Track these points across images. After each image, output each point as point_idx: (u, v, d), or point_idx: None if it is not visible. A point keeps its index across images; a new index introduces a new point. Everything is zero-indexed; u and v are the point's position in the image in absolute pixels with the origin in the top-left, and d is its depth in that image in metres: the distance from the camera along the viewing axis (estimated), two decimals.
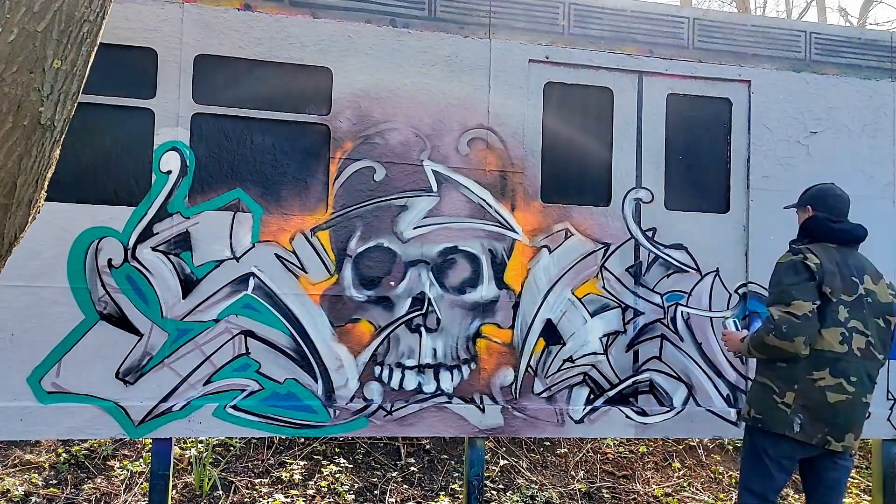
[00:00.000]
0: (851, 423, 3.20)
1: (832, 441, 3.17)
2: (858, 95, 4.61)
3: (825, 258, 3.23)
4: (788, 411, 3.18)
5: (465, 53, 4.10)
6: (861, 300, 3.23)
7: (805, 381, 3.17)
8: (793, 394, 3.18)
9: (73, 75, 2.42)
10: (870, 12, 16.67)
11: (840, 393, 3.15)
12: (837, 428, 3.17)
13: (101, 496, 4.93)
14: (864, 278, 3.28)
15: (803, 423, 3.15)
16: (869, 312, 3.25)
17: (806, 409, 3.16)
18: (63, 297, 3.62)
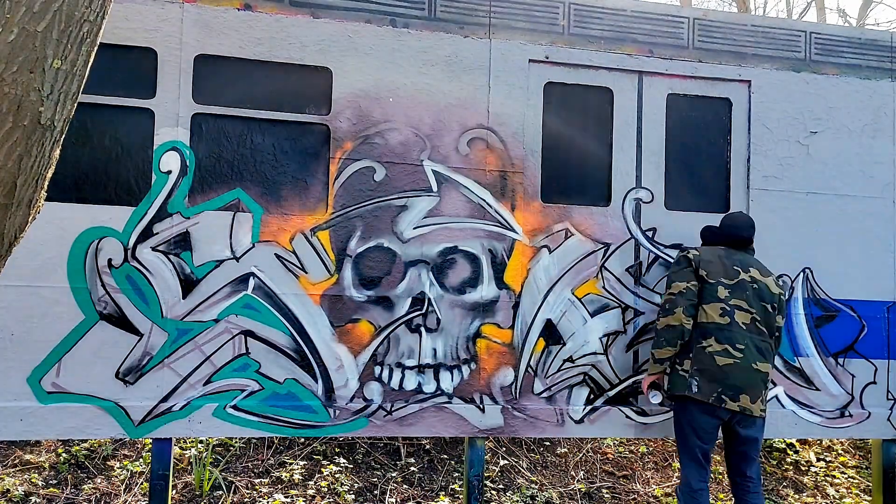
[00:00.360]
0: (744, 385, 3.72)
1: (727, 400, 3.71)
2: (858, 95, 4.61)
3: (706, 252, 3.91)
4: (687, 375, 3.79)
5: (465, 53, 4.10)
6: (743, 284, 3.83)
7: (696, 350, 3.79)
8: (689, 360, 3.80)
9: (73, 75, 2.42)
10: (869, 13, 16.67)
11: (727, 357, 3.73)
12: (729, 388, 3.72)
13: (101, 496, 4.93)
14: (750, 269, 3.89)
15: (700, 383, 3.74)
16: (754, 295, 3.83)
17: (700, 372, 3.76)
18: (63, 297, 3.62)
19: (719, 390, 3.71)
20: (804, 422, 4.46)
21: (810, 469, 6.32)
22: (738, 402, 3.71)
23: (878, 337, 4.59)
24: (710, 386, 3.72)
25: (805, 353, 4.49)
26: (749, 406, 3.73)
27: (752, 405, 3.73)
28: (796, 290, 4.48)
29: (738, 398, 3.71)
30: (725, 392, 3.71)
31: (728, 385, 3.72)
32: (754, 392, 3.74)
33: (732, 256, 3.92)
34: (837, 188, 4.55)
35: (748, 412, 3.73)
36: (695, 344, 3.80)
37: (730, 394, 3.71)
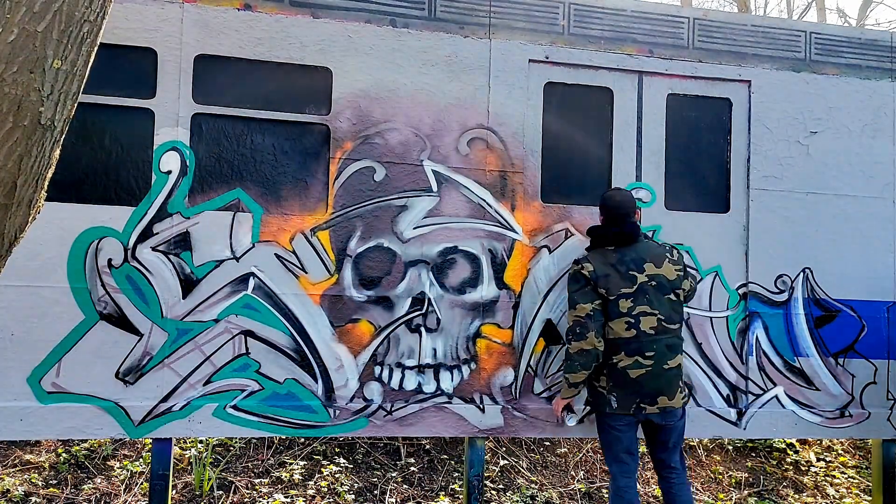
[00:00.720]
0: (660, 388, 3.76)
1: (646, 408, 3.76)
2: (858, 95, 4.61)
3: (599, 264, 3.82)
4: (605, 392, 3.82)
5: (465, 53, 4.10)
6: (643, 288, 3.79)
7: (609, 366, 3.79)
8: (605, 377, 3.82)
9: (73, 75, 2.42)
10: (869, 13, 16.67)
11: (638, 368, 3.74)
12: (646, 396, 3.76)
13: (101, 496, 4.94)
14: (645, 267, 3.81)
15: (617, 398, 3.78)
16: (654, 295, 3.80)
17: (616, 388, 3.79)
18: (63, 297, 3.62)
19: (637, 401, 3.75)
20: (804, 422, 4.47)
21: (810, 469, 6.32)
22: (656, 404, 3.76)
23: (878, 337, 4.59)
24: (628, 399, 3.76)
25: (805, 353, 4.49)
26: (668, 404, 3.77)
27: (671, 401, 3.77)
28: (796, 290, 4.48)
29: (656, 401, 3.76)
30: (643, 401, 3.75)
31: (644, 394, 3.75)
32: (671, 390, 3.78)
33: (624, 258, 3.82)
34: (837, 188, 4.55)
35: (669, 408, 3.78)
36: (606, 360, 3.79)
37: (647, 401, 3.75)
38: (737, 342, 4.41)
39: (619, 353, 3.75)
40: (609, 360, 3.78)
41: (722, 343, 4.39)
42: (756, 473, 6.16)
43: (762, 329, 4.42)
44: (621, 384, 3.76)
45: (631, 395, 3.76)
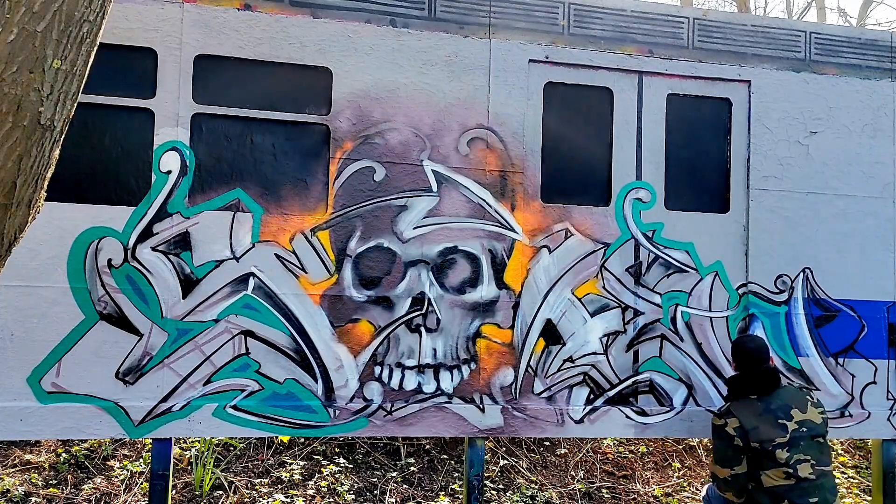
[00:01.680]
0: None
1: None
2: (858, 95, 4.61)
3: (746, 417, 3.77)
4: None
5: (465, 53, 4.10)
6: (795, 435, 3.73)
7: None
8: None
9: (73, 75, 2.42)
10: (869, 13, 16.68)
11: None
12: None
13: (101, 496, 4.94)
14: (791, 413, 3.77)
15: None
16: (806, 442, 3.74)
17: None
18: (63, 297, 3.62)
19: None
20: None
21: None
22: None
23: (878, 337, 4.59)
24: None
25: (805, 353, 4.49)
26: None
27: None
28: (796, 291, 4.48)
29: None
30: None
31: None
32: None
33: (770, 406, 3.79)
34: (837, 188, 4.55)
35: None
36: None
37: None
38: None
39: (781, 501, 3.69)
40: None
41: (722, 343, 4.38)
42: None
43: (762, 329, 4.41)
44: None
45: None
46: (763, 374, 3.86)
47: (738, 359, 3.97)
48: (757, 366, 3.88)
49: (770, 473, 3.70)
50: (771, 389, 3.85)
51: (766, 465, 3.70)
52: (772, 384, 3.85)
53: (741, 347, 3.98)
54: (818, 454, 3.76)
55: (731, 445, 3.76)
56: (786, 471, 3.68)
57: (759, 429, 3.73)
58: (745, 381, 3.88)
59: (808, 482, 3.69)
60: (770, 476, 3.70)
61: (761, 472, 3.71)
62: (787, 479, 3.68)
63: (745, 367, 3.92)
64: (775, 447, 3.70)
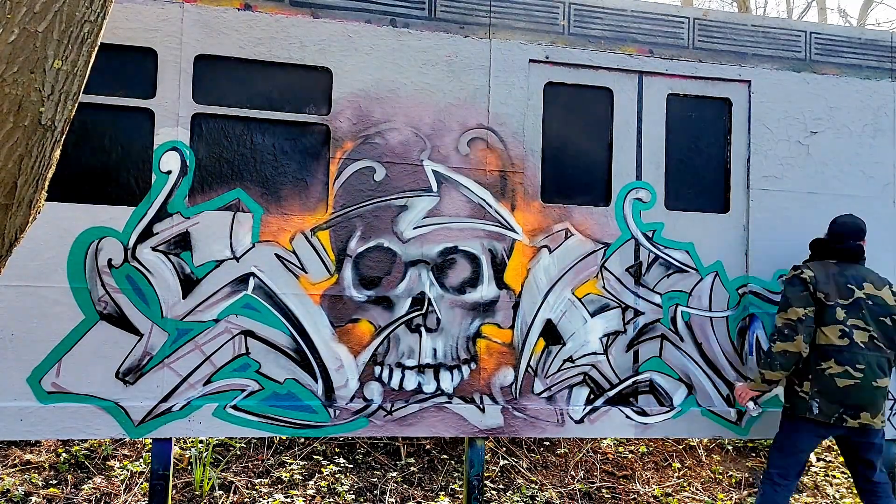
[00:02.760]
0: (864, 404, 3.77)
1: (848, 419, 3.77)
2: (858, 95, 4.61)
3: (820, 271, 3.90)
4: (807, 397, 3.84)
5: (465, 53, 4.10)
6: (859, 303, 3.85)
7: (816, 372, 3.82)
8: (808, 382, 3.84)
9: (73, 76, 2.42)
10: (869, 13, 16.68)
11: (847, 378, 3.76)
12: (850, 408, 3.76)
13: (101, 496, 4.94)
14: (864, 285, 3.89)
15: (820, 405, 3.79)
16: (870, 313, 3.85)
17: (820, 394, 3.80)
18: (63, 297, 3.62)
19: (840, 411, 3.77)
20: None
21: (810, 469, 6.33)
22: (858, 419, 3.77)
23: None
24: (831, 407, 3.78)
25: None
26: (871, 421, 3.79)
27: (873, 419, 3.80)
28: None
29: (858, 416, 3.77)
30: (847, 412, 3.77)
31: (849, 405, 3.77)
32: (875, 408, 3.80)
33: (845, 272, 3.91)
34: (837, 188, 4.55)
35: (870, 427, 3.81)
36: (814, 366, 3.83)
37: (851, 413, 3.77)
38: (737, 342, 4.41)
39: (829, 359, 3.79)
40: (817, 366, 3.82)
41: (722, 343, 4.39)
42: (756, 473, 6.16)
43: (762, 329, 4.42)
44: (827, 392, 3.78)
45: (835, 404, 3.78)
46: (849, 246, 3.96)
47: (832, 229, 4.07)
48: (847, 239, 3.99)
49: (826, 330, 3.80)
50: (850, 261, 3.95)
51: (825, 319, 3.81)
52: (854, 258, 3.95)
53: (838, 219, 4.09)
54: (879, 330, 3.83)
55: (806, 289, 3.85)
56: (842, 329, 3.78)
57: (828, 284, 3.85)
58: (829, 247, 3.99)
59: (860, 350, 3.78)
60: (825, 333, 3.80)
61: (819, 327, 3.82)
62: (840, 338, 3.78)
63: (834, 236, 4.03)
64: (836, 304, 3.82)
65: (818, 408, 3.79)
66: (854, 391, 3.76)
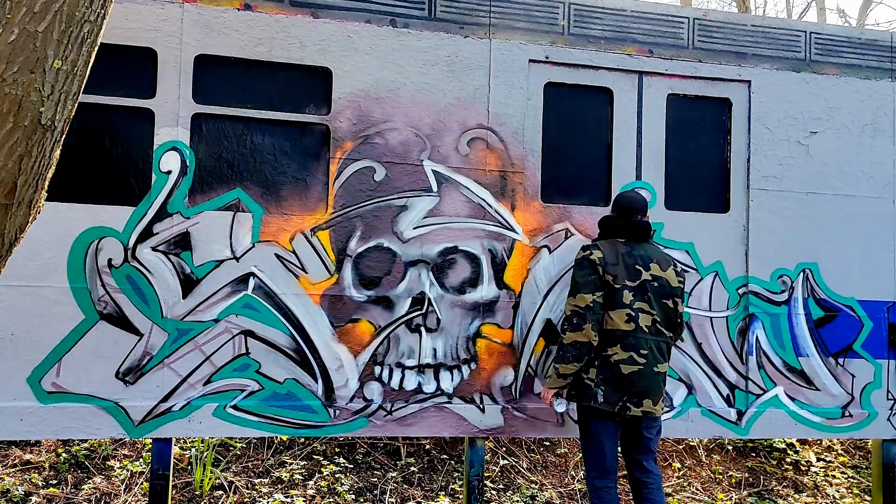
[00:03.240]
0: (647, 391, 3.69)
1: (631, 407, 3.67)
2: (858, 95, 4.61)
3: (609, 251, 3.77)
4: (592, 385, 3.71)
5: (465, 53, 4.10)
6: (645, 285, 3.75)
7: (602, 358, 3.71)
8: (594, 369, 3.72)
9: (73, 75, 2.42)
10: (869, 13, 16.68)
11: (632, 364, 3.67)
12: (634, 395, 3.67)
13: (101, 496, 4.94)
14: (650, 266, 3.79)
15: (605, 393, 3.68)
16: (654, 295, 3.76)
17: (605, 382, 3.69)
18: (63, 297, 3.62)
19: (624, 399, 3.66)
20: (804, 422, 4.47)
21: (810, 469, 6.33)
22: (641, 406, 3.68)
23: (878, 337, 4.59)
24: (616, 395, 3.67)
25: (805, 353, 4.49)
26: (651, 409, 3.71)
27: (654, 407, 3.72)
28: (796, 290, 4.48)
29: (641, 403, 3.68)
30: (630, 400, 3.67)
31: (632, 392, 3.67)
32: (656, 395, 3.72)
33: (633, 253, 3.78)
34: (837, 188, 4.56)
35: (650, 414, 3.72)
36: (600, 352, 3.71)
37: (634, 401, 3.67)
38: (737, 342, 4.41)
39: (614, 345, 3.68)
40: (603, 352, 3.70)
41: (722, 343, 4.39)
42: (756, 473, 6.16)
43: (762, 329, 4.42)
44: (612, 379, 3.67)
45: (619, 392, 3.67)
46: (635, 223, 3.84)
47: (616, 205, 3.93)
48: (632, 215, 3.86)
49: (613, 315, 3.69)
50: (639, 239, 3.84)
51: (613, 304, 3.70)
52: (641, 235, 3.84)
53: (621, 196, 3.95)
54: (662, 314, 3.76)
55: (594, 273, 3.71)
56: (628, 313, 3.68)
57: (616, 266, 3.72)
58: (617, 224, 3.85)
59: (644, 334, 3.69)
60: (612, 317, 3.69)
61: (608, 311, 3.70)
62: (627, 322, 3.68)
63: (620, 213, 3.89)
64: (623, 287, 3.70)
65: (602, 396, 3.67)
66: (637, 378, 3.65)
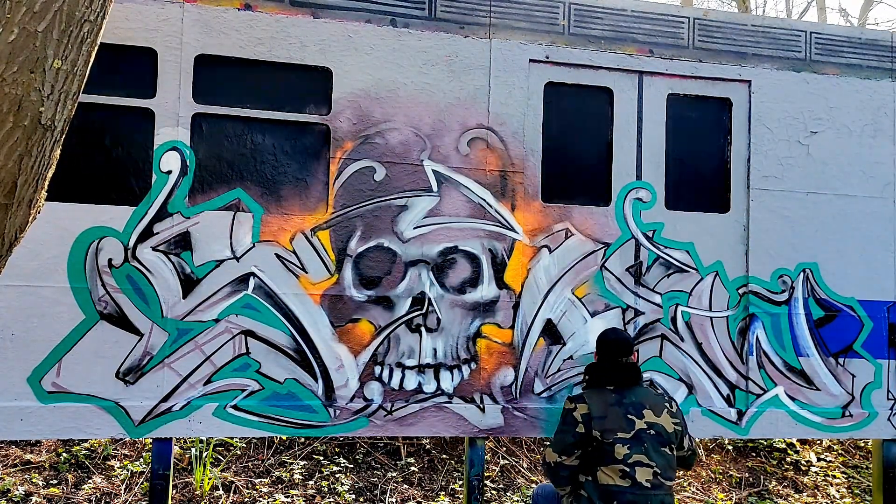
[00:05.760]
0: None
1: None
2: (858, 95, 4.61)
3: (596, 404, 3.54)
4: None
5: (465, 53, 4.10)
6: (641, 436, 3.48)
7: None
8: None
9: (73, 75, 2.42)
10: (870, 12, 16.68)
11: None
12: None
13: (101, 496, 4.94)
14: (644, 413, 3.53)
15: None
16: (651, 445, 3.48)
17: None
18: (63, 297, 3.62)
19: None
20: (804, 422, 4.46)
21: (810, 469, 6.33)
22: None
23: (879, 337, 4.59)
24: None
25: (805, 353, 4.49)
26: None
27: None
28: (796, 290, 4.48)
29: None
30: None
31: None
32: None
33: (624, 401, 3.55)
34: (837, 188, 4.55)
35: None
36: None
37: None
38: (737, 342, 4.41)
39: (611, 502, 3.43)
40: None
41: (722, 343, 4.39)
42: (756, 473, 6.16)
43: (762, 329, 4.41)
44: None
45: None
46: (622, 366, 3.66)
47: (600, 348, 3.76)
48: (618, 357, 3.68)
49: (606, 470, 3.44)
50: (629, 384, 3.63)
51: (604, 459, 3.45)
52: (631, 379, 3.64)
53: (604, 338, 3.78)
54: (663, 463, 3.48)
55: (571, 432, 3.51)
56: (622, 469, 3.42)
57: (605, 419, 3.49)
58: (604, 370, 3.68)
59: (644, 490, 3.41)
60: (606, 473, 3.44)
61: (598, 467, 3.46)
62: (622, 478, 3.42)
63: (605, 357, 3.72)
64: (616, 441, 3.45)
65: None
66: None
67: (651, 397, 3.63)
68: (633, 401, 3.57)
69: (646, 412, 3.55)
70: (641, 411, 3.55)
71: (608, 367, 3.68)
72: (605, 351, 3.73)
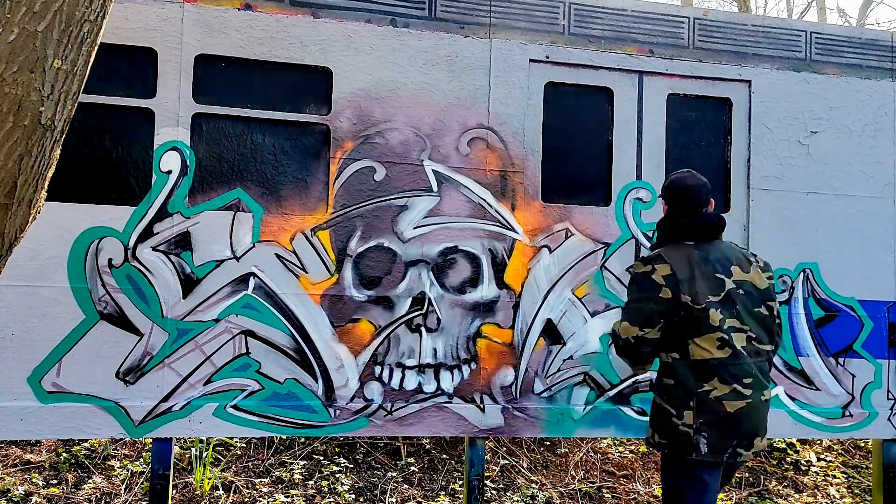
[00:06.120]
0: (757, 427, 2.98)
1: (742, 452, 2.96)
2: (859, 95, 4.61)
3: (680, 263, 2.99)
4: (692, 433, 2.93)
5: (465, 53, 4.10)
6: (731, 296, 2.98)
7: (698, 397, 2.93)
8: (691, 412, 2.94)
9: (73, 75, 2.42)
10: (869, 13, 16.68)
11: (738, 399, 2.91)
12: (744, 437, 2.95)
13: (101, 496, 4.93)
14: (731, 270, 3.03)
15: (710, 440, 2.91)
16: (744, 306, 3.00)
17: (708, 426, 2.91)
18: (63, 297, 3.62)
19: (734, 443, 2.93)
20: (804, 422, 4.46)
21: (810, 469, 6.32)
22: (752, 448, 2.98)
23: (879, 337, 4.59)
24: (723, 442, 2.92)
25: (805, 353, 4.49)
26: (761, 446, 3.01)
27: (762, 443, 3.02)
28: (796, 290, 4.48)
29: (752, 444, 2.97)
30: (741, 444, 2.94)
31: (742, 434, 2.94)
32: (765, 428, 3.04)
33: (709, 258, 3.03)
34: (838, 188, 4.55)
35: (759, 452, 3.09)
36: (693, 388, 2.93)
37: (744, 443, 2.95)
38: None
39: (710, 379, 2.91)
40: (699, 388, 2.92)
41: None
42: (756, 473, 6.16)
43: None
44: (715, 422, 2.90)
45: (727, 437, 2.91)
46: (710, 220, 3.11)
47: (674, 197, 3.19)
48: (698, 207, 3.13)
49: (700, 342, 2.92)
50: (711, 237, 3.10)
51: (696, 329, 2.93)
52: (713, 231, 3.11)
53: (679, 183, 3.18)
54: (758, 327, 3.02)
55: (654, 298, 2.96)
56: (720, 338, 2.91)
57: (694, 280, 2.95)
58: (682, 223, 3.11)
59: (743, 358, 2.94)
60: (700, 345, 2.92)
61: (689, 339, 2.94)
62: (720, 348, 2.91)
63: (683, 208, 3.14)
64: (710, 304, 2.92)
65: (707, 444, 2.90)
66: (745, 415, 2.92)
67: (735, 251, 3.12)
68: (717, 257, 3.04)
69: (733, 269, 3.03)
70: (729, 269, 3.02)
71: (687, 217, 3.10)
72: (683, 199, 3.14)
